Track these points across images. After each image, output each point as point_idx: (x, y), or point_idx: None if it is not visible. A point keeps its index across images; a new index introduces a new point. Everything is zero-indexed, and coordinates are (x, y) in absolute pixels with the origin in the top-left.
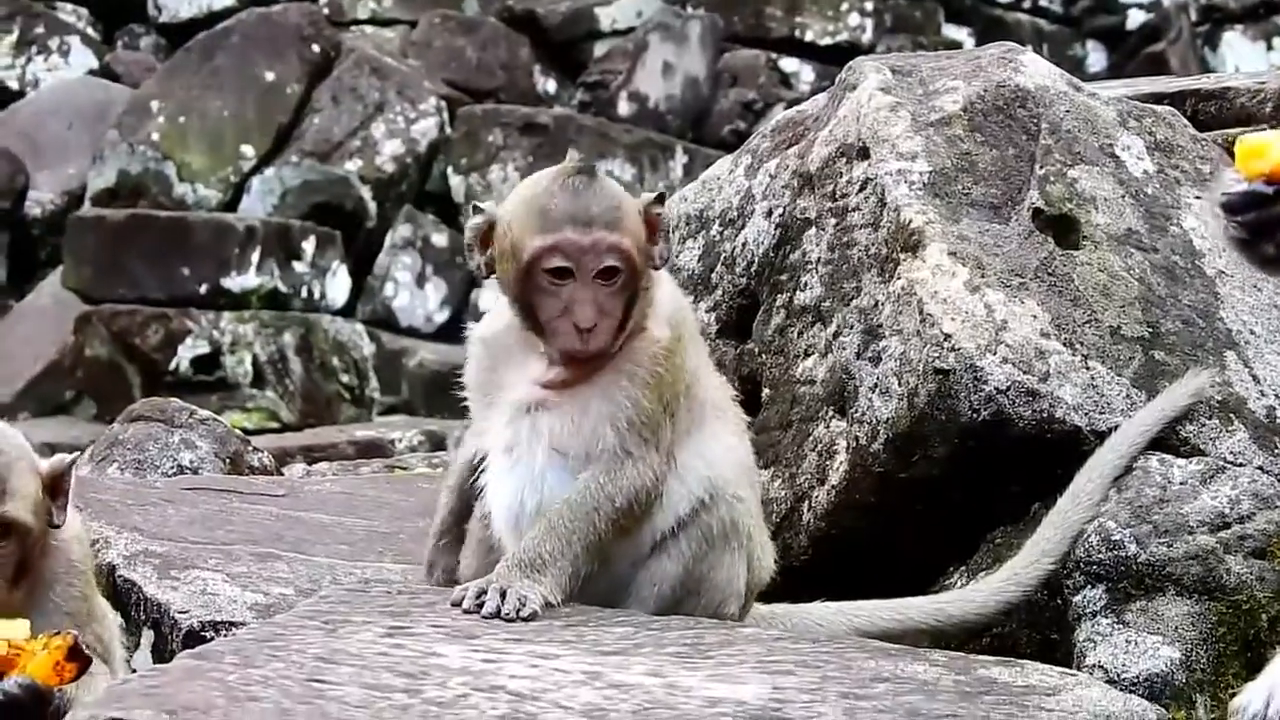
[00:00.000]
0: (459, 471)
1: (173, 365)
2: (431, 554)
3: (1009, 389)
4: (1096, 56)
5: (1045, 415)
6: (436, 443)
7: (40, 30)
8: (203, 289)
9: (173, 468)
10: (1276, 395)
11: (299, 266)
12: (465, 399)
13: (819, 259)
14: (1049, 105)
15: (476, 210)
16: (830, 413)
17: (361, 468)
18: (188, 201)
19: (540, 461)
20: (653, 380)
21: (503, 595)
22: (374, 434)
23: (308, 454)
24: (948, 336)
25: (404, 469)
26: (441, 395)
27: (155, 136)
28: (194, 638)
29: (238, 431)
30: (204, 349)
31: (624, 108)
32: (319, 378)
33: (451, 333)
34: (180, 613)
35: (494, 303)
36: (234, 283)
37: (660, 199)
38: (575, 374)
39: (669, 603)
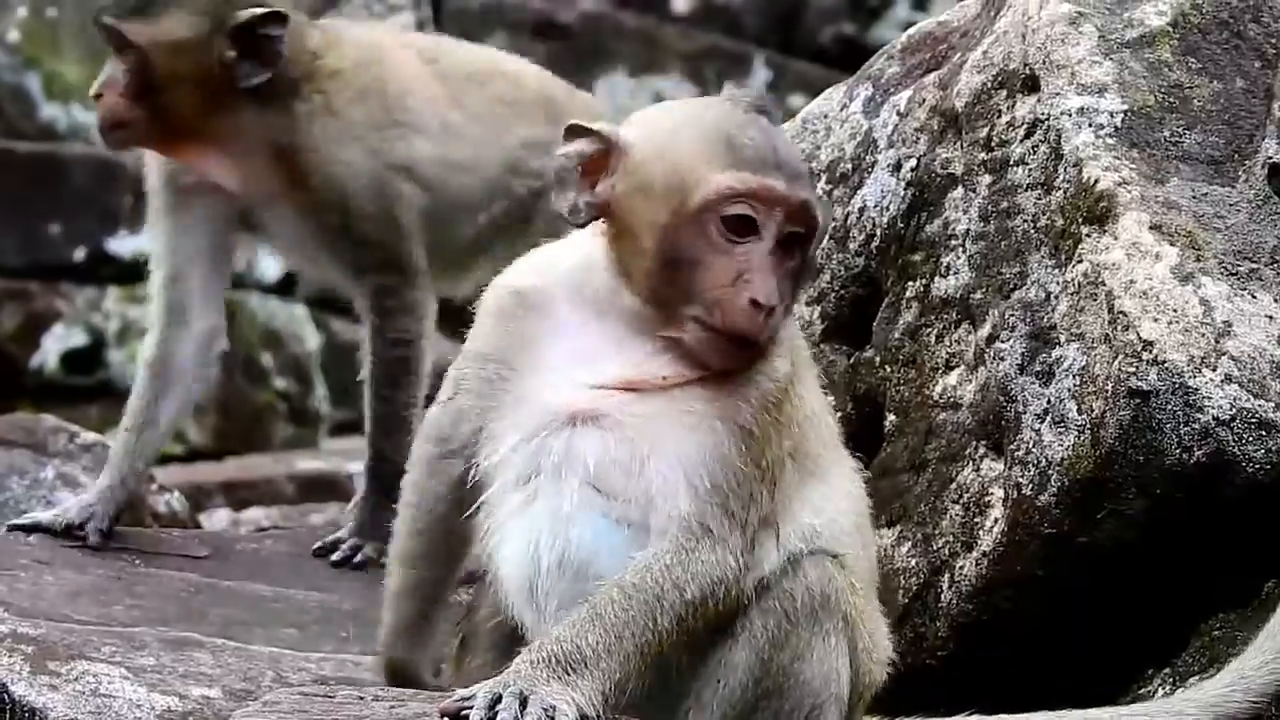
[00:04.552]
0: (432, 508)
1: (35, 363)
2: (391, 650)
3: (1235, 419)
4: None
5: None
6: None
7: None
8: (79, 254)
9: None
10: None
11: None
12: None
13: (967, 232)
14: None
15: (578, 130)
16: (981, 450)
17: (311, 514)
18: (58, 129)
19: (570, 501)
20: (759, 431)
21: (523, 704)
22: (323, 465)
23: (231, 494)
24: (1148, 344)
25: None
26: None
27: (14, 36)
28: None
29: None
30: (80, 340)
31: (680, 3)
32: (243, 383)
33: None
34: None
35: (543, 250)
36: (124, 245)
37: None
38: (696, 376)
39: (741, 706)
